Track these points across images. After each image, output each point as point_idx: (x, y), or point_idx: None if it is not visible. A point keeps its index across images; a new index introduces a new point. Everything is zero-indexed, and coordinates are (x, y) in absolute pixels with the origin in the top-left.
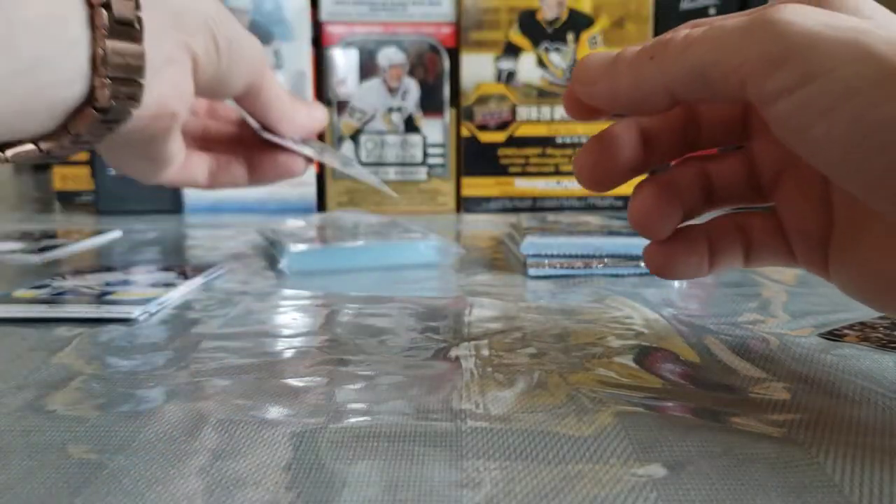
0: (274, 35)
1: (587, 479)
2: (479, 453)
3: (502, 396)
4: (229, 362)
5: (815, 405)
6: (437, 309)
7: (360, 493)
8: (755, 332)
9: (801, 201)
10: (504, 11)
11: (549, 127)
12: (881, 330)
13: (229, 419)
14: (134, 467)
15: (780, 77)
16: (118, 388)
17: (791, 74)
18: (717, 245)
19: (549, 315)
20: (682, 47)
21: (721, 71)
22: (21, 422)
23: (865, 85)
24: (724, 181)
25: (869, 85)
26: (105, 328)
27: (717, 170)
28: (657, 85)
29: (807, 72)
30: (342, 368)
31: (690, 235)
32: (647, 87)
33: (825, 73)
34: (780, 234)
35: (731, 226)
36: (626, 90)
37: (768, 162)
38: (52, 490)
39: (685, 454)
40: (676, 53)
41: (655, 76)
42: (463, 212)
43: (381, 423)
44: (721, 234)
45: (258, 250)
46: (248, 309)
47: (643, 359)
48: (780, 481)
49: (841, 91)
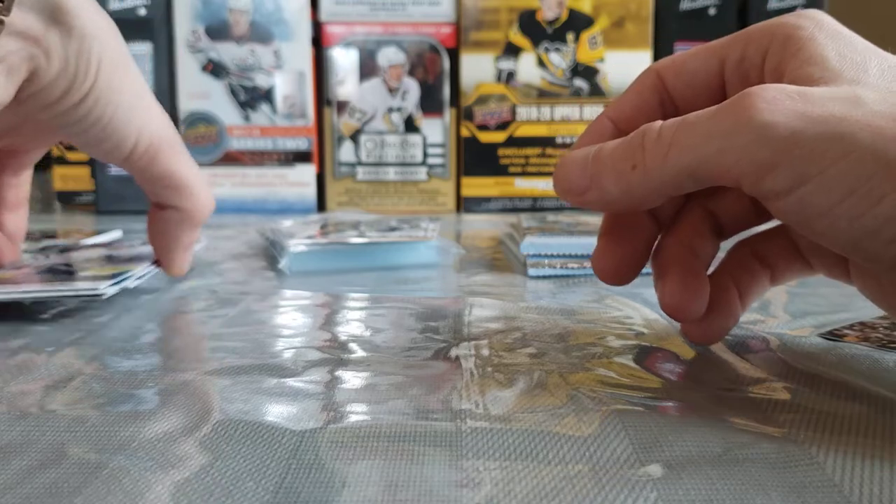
0: (274, 35)
1: (587, 479)
2: (479, 453)
3: (502, 396)
4: (229, 362)
5: (815, 405)
6: (437, 309)
7: (359, 493)
8: (755, 332)
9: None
10: (504, 11)
11: (549, 127)
12: (881, 330)
13: (229, 419)
14: (134, 467)
15: (773, 181)
16: (118, 388)
17: (784, 179)
18: (743, 283)
19: (549, 315)
20: (663, 154)
21: (711, 172)
22: (21, 422)
23: (857, 184)
24: (732, 214)
25: (861, 183)
26: (106, 328)
27: (722, 206)
28: (648, 191)
29: (799, 175)
30: (342, 368)
31: (722, 298)
32: (639, 194)
33: (817, 175)
34: (798, 253)
35: (751, 259)
36: (619, 199)
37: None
38: (52, 490)
39: (685, 454)
40: (658, 162)
41: (644, 184)
42: (463, 212)
43: (381, 423)
44: (746, 272)
45: (258, 250)
46: (248, 309)
47: (643, 359)
48: (780, 481)
49: (835, 193)
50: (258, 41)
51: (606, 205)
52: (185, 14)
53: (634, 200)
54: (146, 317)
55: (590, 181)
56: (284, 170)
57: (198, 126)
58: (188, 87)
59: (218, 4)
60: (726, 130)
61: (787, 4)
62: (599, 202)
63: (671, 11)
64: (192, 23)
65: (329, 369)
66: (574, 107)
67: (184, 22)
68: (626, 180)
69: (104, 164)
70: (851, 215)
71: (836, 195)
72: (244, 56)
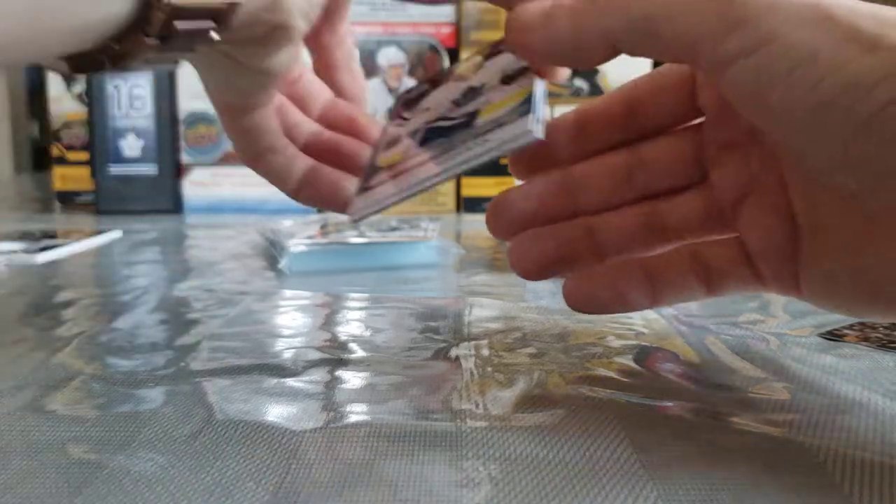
0: None
1: (587, 479)
2: (479, 453)
3: (502, 396)
4: (229, 362)
5: (815, 405)
6: (437, 309)
7: (360, 493)
8: (755, 332)
9: (765, 220)
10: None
11: None
12: (881, 330)
13: (229, 419)
14: (134, 467)
15: (735, 39)
16: (118, 388)
17: (747, 37)
18: (661, 275)
19: (549, 315)
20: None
21: (672, 28)
22: (21, 422)
23: (825, 47)
24: (679, 218)
25: (829, 47)
26: (106, 328)
27: (670, 208)
28: (598, 31)
29: (764, 34)
30: (342, 368)
31: (623, 269)
32: (588, 34)
33: (783, 35)
34: (746, 260)
35: (681, 256)
36: (565, 36)
37: (729, 189)
38: (52, 490)
39: (685, 454)
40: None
41: (598, 22)
42: (463, 212)
43: (381, 423)
44: (666, 265)
45: (258, 250)
46: (248, 309)
47: (643, 359)
48: (780, 481)
49: (799, 54)
50: None
51: (549, 47)
52: None
53: (580, 41)
54: (146, 317)
55: (542, 18)
56: None
57: (198, 126)
58: (188, 87)
59: None
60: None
61: None
62: (543, 42)
63: None
64: None
65: (329, 369)
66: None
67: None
68: (580, 14)
69: (104, 164)
70: (810, 81)
71: (798, 56)
72: None
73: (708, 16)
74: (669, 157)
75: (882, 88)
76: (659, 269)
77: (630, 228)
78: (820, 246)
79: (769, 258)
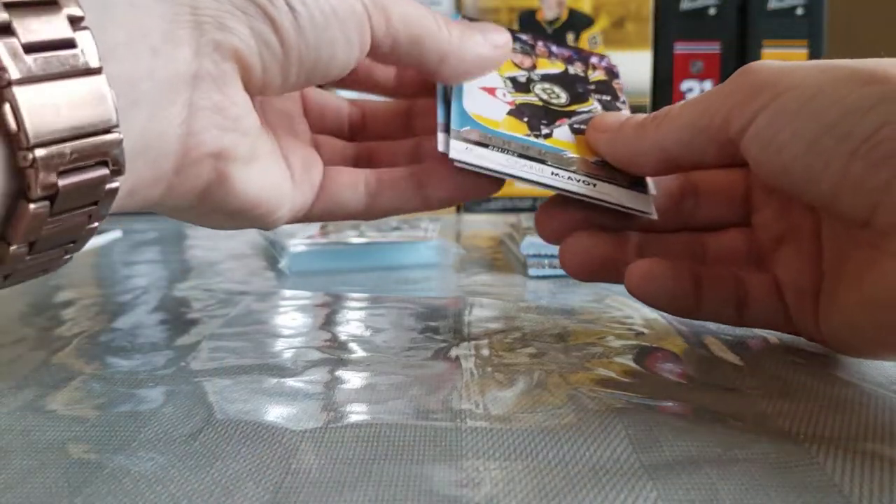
0: None
1: (587, 478)
2: (479, 453)
3: (502, 396)
4: (229, 362)
5: (814, 405)
6: (437, 309)
7: (359, 493)
8: (755, 332)
9: (797, 263)
10: (504, 11)
11: None
12: None
13: (229, 419)
14: (134, 467)
15: (756, 101)
16: (118, 388)
17: (765, 96)
18: (705, 283)
19: (549, 315)
20: (678, 109)
21: (709, 115)
22: (21, 422)
23: (828, 86)
24: (722, 252)
25: (831, 85)
26: (106, 328)
27: (715, 241)
28: (653, 143)
29: (778, 91)
30: (342, 368)
31: (676, 266)
32: (645, 146)
33: (794, 87)
34: (777, 292)
35: (727, 273)
36: (626, 144)
37: (770, 232)
38: (52, 490)
39: (685, 454)
40: (674, 114)
41: (653, 136)
42: (463, 212)
43: (381, 423)
44: (713, 275)
45: (258, 250)
46: (248, 309)
47: (643, 359)
48: (780, 481)
49: (805, 93)
50: None
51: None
52: None
53: (637, 150)
54: (146, 316)
55: (616, 126)
56: None
57: None
58: None
59: None
60: (729, 80)
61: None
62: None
63: (671, 11)
64: None
65: (329, 369)
66: None
67: None
68: (642, 129)
69: None
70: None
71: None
72: None
73: (735, 96)
74: (721, 188)
75: (876, 112)
76: (706, 279)
77: (675, 249)
78: (836, 282)
79: (796, 294)
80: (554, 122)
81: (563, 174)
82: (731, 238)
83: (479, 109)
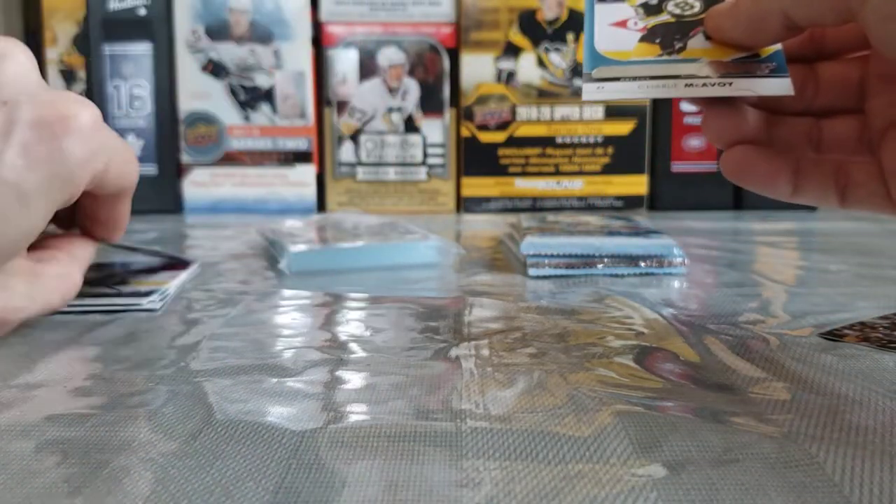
0: (274, 35)
1: (587, 479)
2: (479, 453)
3: (502, 396)
4: (229, 362)
5: (815, 405)
6: (437, 309)
7: (360, 493)
8: (755, 332)
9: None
10: (504, 11)
11: (549, 127)
12: (881, 330)
13: (229, 419)
14: (134, 467)
15: None
16: (118, 388)
17: None
18: (806, 172)
19: (549, 315)
20: None
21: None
22: (21, 422)
23: None
24: (836, 135)
25: None
26: (106, 328)
27: (831, 125)
28: (773, 7)
29: None
30: (342, 368)
31: (780, 154)
32: (764, 11)
33: None
34: (881, 178)
35: (828, 162)
36: (746, 15)
37: (882, 118)
38: (52, 490)
39: (685, 454)
40: None
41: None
42: (463, 212)
43: (381, 423)
44: (814, 164)
45: (258, 250)
46: (249, 309)
47: (643, 359)
48: (780, 481)
49: None
50: (258, 41)
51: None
52: (185, 14)
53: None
54: (146, 317)
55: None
56: (284, 170)
57: (198, 126)
58: (188, 87)
59: (218, 4)
60: None
61: None
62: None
63: None
64: (192, 23)
65: (329, 369)
66: (574, 107)
67: (184, 22)
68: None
69: None
70: None
71: None
72: (244, 56)
73: None
74: (838, 77)
75: None
76: (808, 167)
77: (797, 131)
78: None
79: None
80: (688, 34)
81: (697, 82)
82: (844, 123)
83: (609, 45)
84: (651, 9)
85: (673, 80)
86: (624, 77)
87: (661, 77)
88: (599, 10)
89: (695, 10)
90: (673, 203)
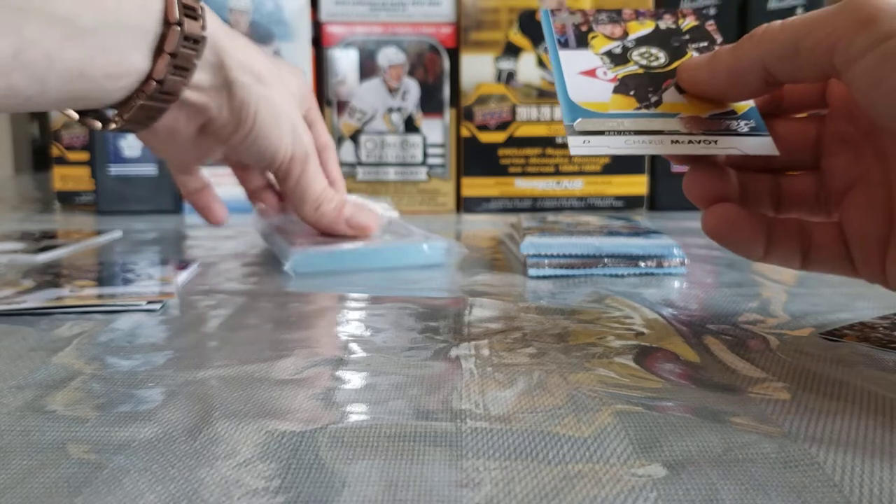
0: (274, 35)
1: (587, 479)
2: (479, 453)
3: (502, 396)
4: (229, 362)
5: (815, 405)
6: (437, 309)
7: (360, 492)
8: (755, 332)
9: (865, 209)
10: (504, 11)
11: (549, 127)
12: (881, 330)
13: (229, 419)
14: (134, 467)
15: (864, 37)
16: (118, 388)
17: (874, 34)
18: (775, 233)
19: (549, 315)
20: (780, 26)
21: (814, 39)
22: (21, 422)
23: None
24: (794, 192)
25: None
26: (106, 328)
27: (789, 182)
28: (754, 60)
29: (888, 30)
30: (342, 368)
31: (752, 216)
32: (745, 64)
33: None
34: (841, 241)
35: (793, 223)
36: (725, 68)
37: (839, 178)
38: (52, 490)
39: (685, 454)
40: (774, 31)
41: (753, 52)
42: (463, 212)
43: (381, 423)
44: (781, 225)
45: (259, 250)
46: (248, 309)
47: (643, 359)
48: (780, 481)
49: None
50: (258, 41)
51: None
52: None
53: (738, 71)
54: (146, 317)
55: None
56: None
57: None
58: None
59: (218, 4)
60: (838, 7)
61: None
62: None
63: None
64: None
65: (329, 369)
66: None
67: None
68: (738, 49)
69: (104, 164)
70: None
71: None
72: None
73: (841, 22)
74: (795, 134)
75: None
76: (776, 228)
77: (760, 187)
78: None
79: (862, 244)
80: (660, 87)
81: (683, 139)
82: (800, 181)
83: (583, 96)
84: (616, 58)
85: (659, 137)
86: (608, 131)
87: (645, 132)
88: (565, 57)
89: (661, 62)
90: (673, 203)
